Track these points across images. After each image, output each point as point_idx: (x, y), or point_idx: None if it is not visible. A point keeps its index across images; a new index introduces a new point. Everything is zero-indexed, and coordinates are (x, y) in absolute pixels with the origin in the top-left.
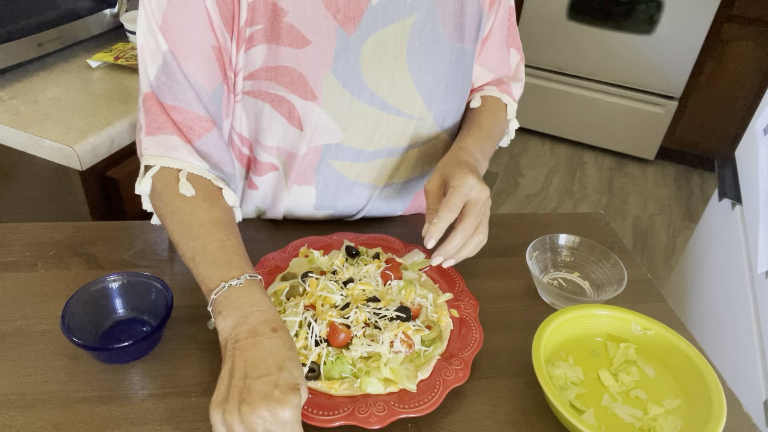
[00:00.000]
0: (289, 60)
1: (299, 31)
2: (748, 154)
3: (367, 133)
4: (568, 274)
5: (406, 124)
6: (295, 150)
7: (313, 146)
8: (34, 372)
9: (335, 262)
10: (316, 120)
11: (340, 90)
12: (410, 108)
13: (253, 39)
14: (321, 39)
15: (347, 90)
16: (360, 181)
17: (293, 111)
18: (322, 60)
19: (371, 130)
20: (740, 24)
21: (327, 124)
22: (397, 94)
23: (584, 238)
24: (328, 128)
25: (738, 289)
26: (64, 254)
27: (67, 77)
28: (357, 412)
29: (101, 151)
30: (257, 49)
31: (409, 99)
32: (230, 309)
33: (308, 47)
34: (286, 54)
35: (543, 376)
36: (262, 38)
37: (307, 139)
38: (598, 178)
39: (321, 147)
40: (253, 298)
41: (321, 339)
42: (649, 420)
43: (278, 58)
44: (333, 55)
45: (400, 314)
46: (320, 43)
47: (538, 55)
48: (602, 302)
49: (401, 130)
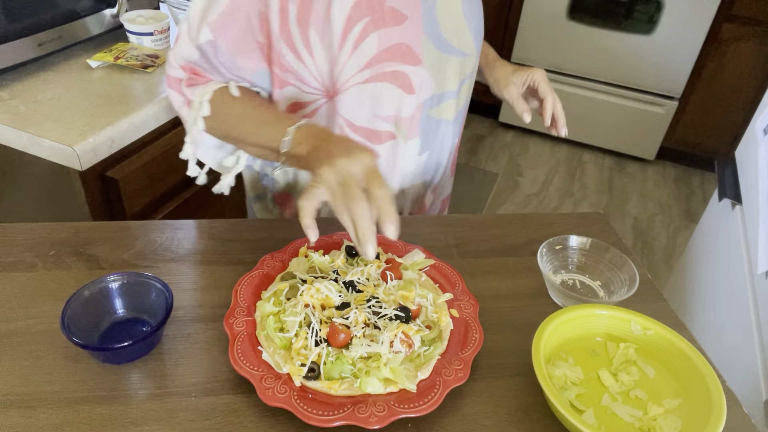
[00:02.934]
0: (397, 37)
1: (399, 11)
2: (748, 154)
3: (447, 78)
4: (579, 275)
5: (464, 62)
6: (407, 113)
7: (418, 104)
8: (34, 372)
9: (336, 262)
10: (421, 81)
11: (433, 49)
12: (467, 47)
13: (364, 32)
14: (413, 11)
15: (435, 46)
16: (442, 118)
17: (406, 79)
18: (418, 28)
19: (449, 74)
20: (740, 24)
21: (428, 82)
22: (461, 38)
23: (596, 240)
24: (429, 85)
25: (738, 289)
26: (64, 254)
27: (67, 77)
28: (357, 412)
29: (101, 151)
30: (369, 39)
31: (466, 40)
32: (303, 138)
33: (407, 21)
34: (394, 33)
35: (543, 376)
36: (371, 27)
37: (415, 100)
38: (598, 178)
39: (422, 102)
40: (318, 128)
41: (321, 339)
42: (649, 420)
43: (390, 39)
44: (422, 22)
45: (400, 314)
46: (414, 15)
47: (538, 55)
48: (613, 304)
49: (461, 69)
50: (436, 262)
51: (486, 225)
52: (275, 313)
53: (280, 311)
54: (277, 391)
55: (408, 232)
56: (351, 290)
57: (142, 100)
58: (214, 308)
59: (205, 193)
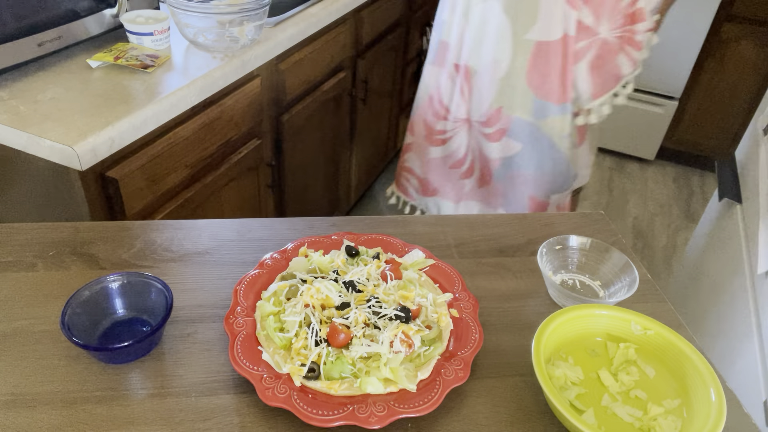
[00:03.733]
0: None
1: None
2: (748, 154)
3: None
4: (579, 275)
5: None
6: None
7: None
8: (34, 372)
9: (336, 262)
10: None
11: None
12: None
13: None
14: None
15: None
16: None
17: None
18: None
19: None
20: (740, 24)
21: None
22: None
23: (596, 240)
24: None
25: (738, 289)
26: (64, 254)
27: (67, 77)
28: (357, 412)
29: (101, 151)
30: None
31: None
32: None
33: None
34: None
35: (543, 376)
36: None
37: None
38: (598, 178)
39: None
40: None
41: (321, 339)
42: (649, 420)
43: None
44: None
45: (400, 314)
46: None
47: None
48: (613, 304)
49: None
50: (436, 262)
51: (486, 225)
52: (275, 313)
53: (280, 311)
54: (277, 391)
55: (408, 232)
56: (351, 290)
57: (142, 100)
58: (214, 308)
59: (205, 193)
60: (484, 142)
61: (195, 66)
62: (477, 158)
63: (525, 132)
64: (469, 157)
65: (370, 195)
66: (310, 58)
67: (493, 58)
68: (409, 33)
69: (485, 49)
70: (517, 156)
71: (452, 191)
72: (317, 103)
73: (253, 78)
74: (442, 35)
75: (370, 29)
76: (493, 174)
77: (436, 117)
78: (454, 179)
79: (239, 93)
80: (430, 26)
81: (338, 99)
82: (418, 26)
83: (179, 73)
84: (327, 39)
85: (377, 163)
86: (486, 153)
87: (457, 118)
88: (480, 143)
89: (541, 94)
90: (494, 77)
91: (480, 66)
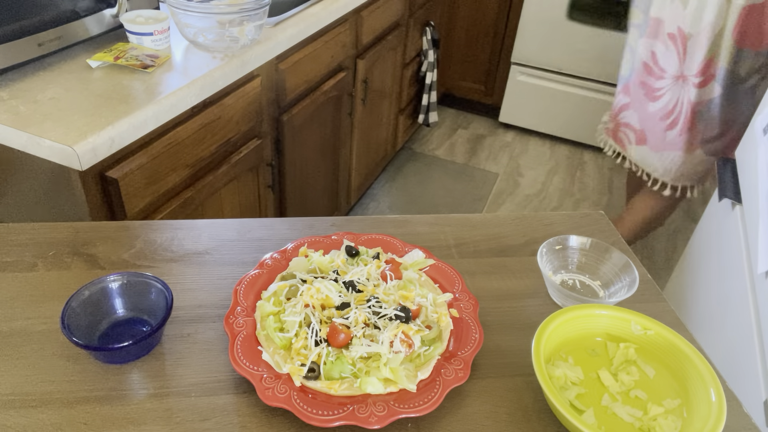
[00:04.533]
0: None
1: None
2: (748, 154)
3: None
4: (579, 275)
5: None
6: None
7: None
8: (34, 372)
9: (336, 262)
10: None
11: None
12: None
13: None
14: None
15: None
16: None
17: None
18: None
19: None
20: None
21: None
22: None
23: (596, 240)
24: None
25: (738, 289)
26: (63, 254)
27: (67, 77)
28: (357, 412)
29: (101, 151)
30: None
31: None
32: None
33: None
34: None
35: (543, 376)
36: None
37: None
38: (598, 178)
39: None
40: None
41: (321, 339)
42: (649, 420)
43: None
44: None
45: (400, 314)
46: None
47: (538, 55)
48: (613, 304)
49: None
50: (435, 262)
51: (486, 225)
52: (275, 313)
53: (280, 311)
54: (277, 391)
55: (408, 232)
56: (351, 290)
57: (142, 100)
58: (214, 308)
59: (206, 193)
60: (694, 91)
61: (195, 66)
62: (683, 111)
63: (726, 77)
64: (676, 110)
65: (370, 195)
66: (310, 58)
67: (710, 22)
68: (408, 33)
69: (705, 17)
70: (717, 98)
71: (658, 141)
72: (317, 103)
73: (253, 78)
74: (651, 13)
75: (370, 29)
76: (697, 116)
77: (654, 77)
78: (660, 131)
79: (239, 93)
80: (430, 26)
81: (338, 99)
82: (418, 26)
83: (179, 73)
84: (327, 39)
85: (377, 163)
86: (694, 99)
87: (672, 76)
88: (689, 94)
89: (744, 45)
90: (709, 36)
91: (697, 30)
